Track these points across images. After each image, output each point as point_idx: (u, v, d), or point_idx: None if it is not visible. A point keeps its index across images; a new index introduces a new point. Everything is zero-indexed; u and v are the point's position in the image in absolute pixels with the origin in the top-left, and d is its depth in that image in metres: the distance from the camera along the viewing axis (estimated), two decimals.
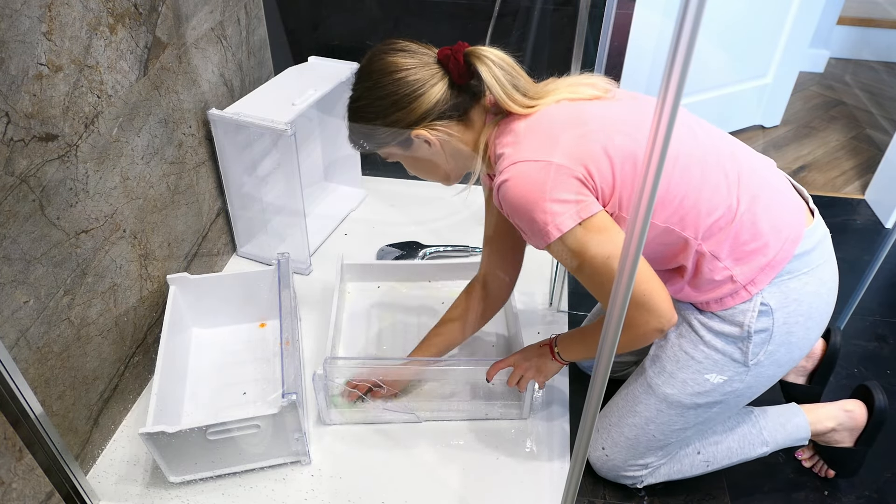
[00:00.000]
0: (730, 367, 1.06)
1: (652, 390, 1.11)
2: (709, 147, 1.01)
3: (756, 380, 1.07)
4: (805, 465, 1.28)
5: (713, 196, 0.97)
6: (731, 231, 0.98)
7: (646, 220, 0.57)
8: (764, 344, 1.03)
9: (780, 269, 0.99)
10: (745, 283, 1.00)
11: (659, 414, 1.11)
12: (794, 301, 1.01)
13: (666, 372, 1.10)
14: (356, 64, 1.72)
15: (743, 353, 1.04)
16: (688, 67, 0.48)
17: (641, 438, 1.14)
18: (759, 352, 1.04)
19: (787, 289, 1.01)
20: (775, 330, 1.02)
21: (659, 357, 1.12)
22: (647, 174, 0.54)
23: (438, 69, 0.99)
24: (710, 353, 1.06)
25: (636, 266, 0.61)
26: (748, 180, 1.00)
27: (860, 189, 2.19)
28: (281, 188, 1.60)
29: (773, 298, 1.01)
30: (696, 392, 1.08)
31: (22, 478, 1.01)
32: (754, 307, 1.01)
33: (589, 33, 1.34)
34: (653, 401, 1.12)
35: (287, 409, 1.11)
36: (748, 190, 0.99)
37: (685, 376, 1.08)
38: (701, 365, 1.07)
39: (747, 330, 1.02)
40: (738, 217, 0.98)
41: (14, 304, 0.98)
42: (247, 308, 1.48)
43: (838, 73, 3.00)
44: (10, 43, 0.91)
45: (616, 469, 1.20)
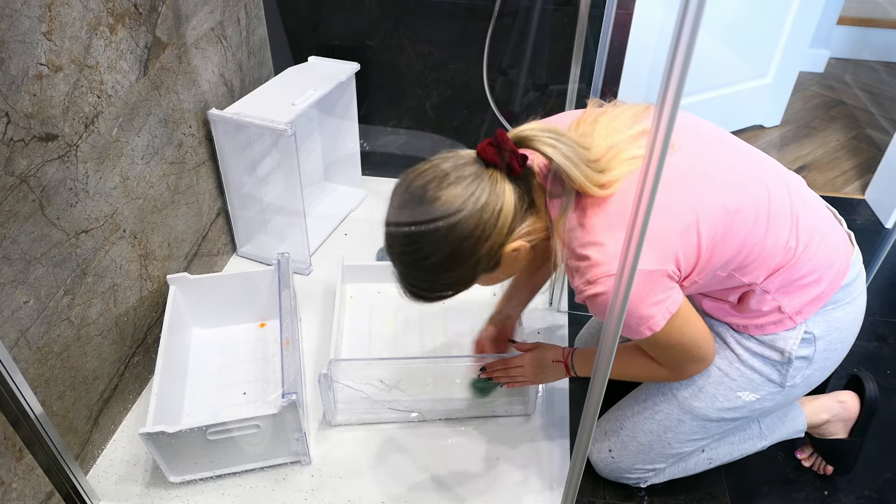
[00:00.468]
0: (764, 387, 1.06)
1: (677, 401, 1.11)
2: (772, 187, 0.98)
3: (786, 399, 1.08)
4: (805, 465, 1.28)
5: (776, 243, 0.95)
6: (787, 270, 0.97)
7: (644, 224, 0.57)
8: (803, 368, 1.04)
9: (827, 300, 1.00)
10: (791, 313, 1.00)
11: (680, 424, 1.11)
12: (836, 329, 1.02)
13: (695, 385, 1.09)
14: (356, 64, 1.73)
15: (781, 376, 1.05)
16: (688, 67, 0.48)
17: (655, 445, 1.14)
18: (797, 375, 1.04)
19: (831, 318, 1.01)
20: (816, 356, 1.03)
21: None
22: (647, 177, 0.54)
23: (495, 174, 0.87)
24: (746, 372, 1.06)
25: (635, 269, 0.61)
26: (804, 217, 0.99)
27: (860, 189, 2.19)
28: (281, 188, 1.60)
29: (817, 327, 1.01)
30: (724, 407, 1.08)
31: (22, 478, 1.01)
32: (797, 335, 1.01)
33: (589, 33, 1.34)
34: (676, 411, 1.11)
35: (287, 409, 1.11)
36: (805, 227, 0.98)
37: (716, 391, 1.08)
38: (735, 382, 1.07)
39: (788, 356, 1.02)
40: (797, 256, 0.97)
41: (14, 304, 0.98)
42: (247, 308, 1.48)
43: (838, 73, 3.00)
44: (10, 43, 0.91)
45: (620, 471, 1.20)
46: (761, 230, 0.94)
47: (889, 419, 1.35)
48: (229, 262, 1.73)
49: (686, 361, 1.02)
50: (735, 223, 0.92)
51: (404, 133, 1.98)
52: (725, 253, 0.93)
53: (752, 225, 0.93)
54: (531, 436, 1.29)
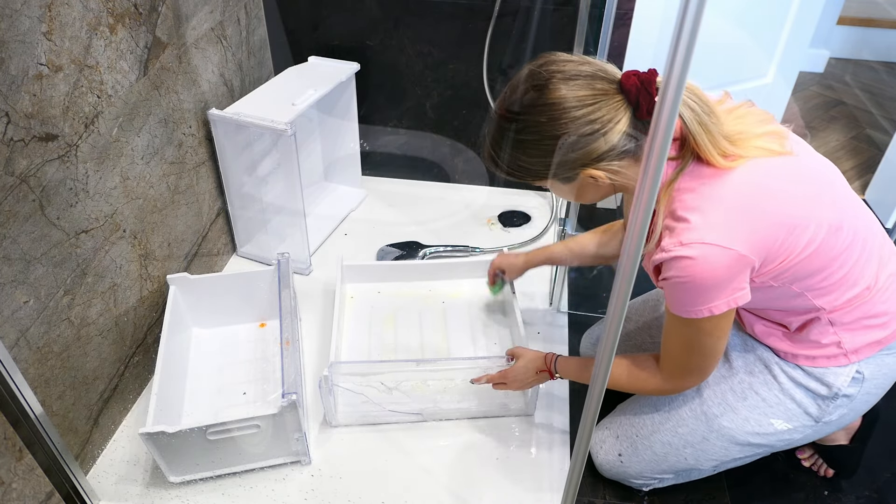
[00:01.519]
0: (799, 419, 1.05)
1: (705, 417, 1.09)
2: (868, 219, 0.98)
3: (815, 434, 1.08)
4: (805, 465, 1.28)
5: (862, 273, 0.95)
6: (861, 305, 0.97)
7: (644, 221, 0.57)
8: (843, 407, 1.03)
9: (886, 345, 0.99)
10: (849, 351, 0.99)
11: (703, 442, 1.10)
12: (884, 375, 1.02)
13: (727, 404, 1.08)
14: (356, 64, 1.73)
15: (820, 410, 1.04)
16: (688, 67, 0.48)
17: (671, 458, 1.13)
18: (835, 413, 1.04)
19: (883, 363, 1.01)
20: (859, 397, 1.02)
21: (721, 389, 1.10)
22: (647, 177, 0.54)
23: (621, 100, 0.86)
24: (784, 401, 1.05)
25: (636, 267, 0.61)
26: (889, 261, 0.99)
27: (860, 189, 2.19)
28: (281, 188, 1.60)
29: (868, 369, 1.01)
30: (754, 432, 1.07)
31: (22, 478, 1.01)
32: (849, 373, 1.00)
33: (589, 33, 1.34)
34: (702, 428, 1.10)
35: (287, 409, 1.11)
36: (888, 271, 0.98)
37: (748, 414, 1.07)
38: (770, 409, 1.06)
39: (836, 392, 1.02)
40: (874, 294, 0.96)
41: (14, 304, 0.98)
42: (247, 308, 1.48)
43: (838, 73, 3.00)
44: (10, 43, 0.91)
45: (626, 476, 1.19)
46: (852, 258, 0.93)
47: (889, 420, 1.35)
48: (229, 262, 1.73)
49: (694, 367, 1.00)
50: (834, 240, 0.90)
51: (404, 133, 1.98)
52: (811, 265, 0.91)
53: (844, 247, 0.92)
54: (531, 436, 1.29)
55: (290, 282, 1.40)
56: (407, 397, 1.30)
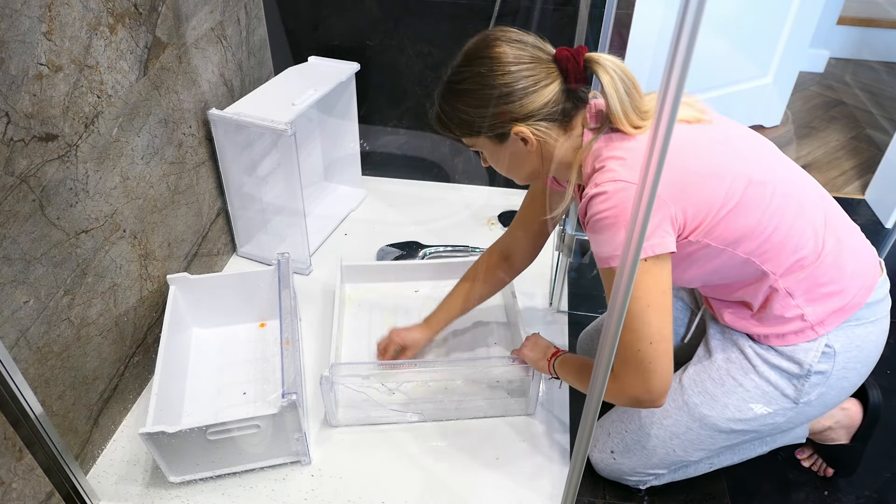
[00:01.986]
0: (778, 401, 1.05)
1: (688, 408, 1.10)
2: (802, 182, 1.00)
3: (798, 416, 1.07)
4: (804, 465, 1.28)
5: (802, 234, 0.96)
6: (812, 271, 0.97)
7: (644, 221, 0.57)
8: (819, 385, 1.03)
9: (851, 314, 0.99)
10: (814, 323, 1.00)
11: (688, 432, 1.10)
12: (857, 347, 1.02)
13: (708, 393, 1.09)
14: (356, 64, 1.73)
15: (796, 391, 1.04)
16: (688, 67, 0.48)
17: (660, 451, 1.13)
18: (813, 392, 1.04)
19: (853, 334, 1.01)
20: (834, 373, 1.02)
21: (701, 378, 1.10)
22: (647, 176, 0.54)
23: (554, 68, 0.95)
24: (761, 384, 1.05)
25: (636, 267, 0.61)
26: (835, 222, 0.99)
27: (860, 189, 2.19)
28: (281, 188, 1.60)
29: (838, 342, 1.01)
30: (735, 418, 1.07)
31: (22, 478, 1.01)
32: (818, 347, 1.01)
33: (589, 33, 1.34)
34: (685, 418, 1.10)
35: (287, 409, 1.11)
36: (834, 232, 0.98)
37: (728, 401, 1.07)
38: (748, 394, 1.06)
39: (807, 369, 1.02)
40: (822, 258, 0.97)
41: (14, 304, 0.98)
42: (247, 308, 1.48)
43: (838, 73, 3.00)
44: (10, 43, 0.91)
45: (621, 473, 1.19)
46: (787, 217, 0.94)
47: (889, 420, 1.35)
48: (229, 262, 1.73)
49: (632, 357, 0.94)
50: (757, 195, 0.93)
51: (404, 133, 1.98)
52: (741, 222, 0.93)
53: (775, 205, 0.94)
54: (531, 436, 1.29)
55: (290, 282, 1.40)
56: (407, 398, 1.30)
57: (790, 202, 0.95)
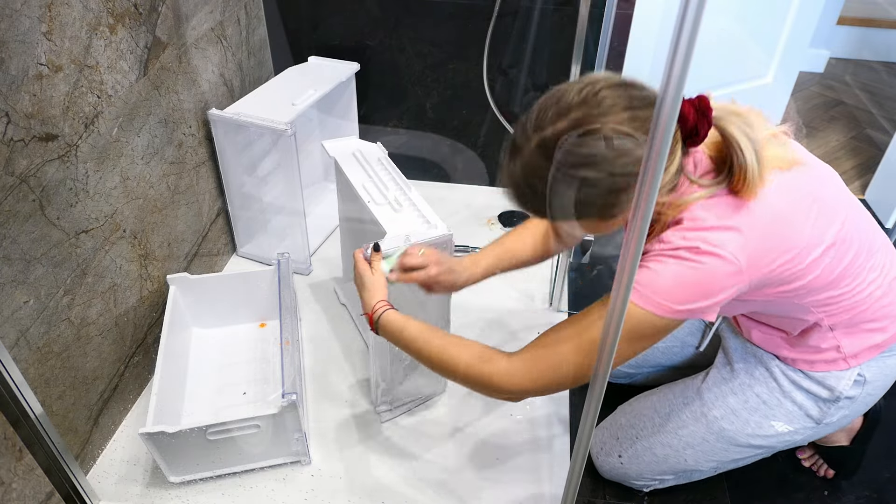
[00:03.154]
0: (800, 421, 1.05)
1: (706, 420, 1.09)
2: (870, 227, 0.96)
3: (816, 434, 1.07)
4: (805, 465, 1.28)
5: (864, 282, 0.94)
6: (859, 311, 0.96)
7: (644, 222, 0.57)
8: (844, 409, 1.03)
9: (885, 349, 0.99)
10: (848, 355, 0.99)
11: (703, 443, 1.10)
12: (885, 376, 1.02)
13: (729, 408, 1.08)
14: (356, 64, 1.73)
15: (821, 412, 1.04)
16: (687, 67, 0.48)
17: (671, 459, 1.13)
18: (837, 414, 1.04)
19: (885, 365, 1.01)
20: (860, 399, 1.02)
21: (724, 392, 1.09)
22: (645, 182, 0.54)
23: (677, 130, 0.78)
24: (786, 404, 1.05)
25: (636, 267, 0.61)
26: (892, 261, 0.98)
27: (860, 189, 2.19)
28: (281, 188, 1.60)
29: (870, 372, 1.00)
30: (755, 434, 1.07)
31: (22, 478, 1.01)
32: (851, 376, 1.00)
33: (589, 33, 1.34)
34: (702, 430, 1.10)
35: (287, 409, 1.11)
36: (891, 273, 0.97)
37: (749, 417, 1.07)
38: (772, 411, 1.06)
39: (838, 395, 1.01)
40: (871, 299, 0.95)
41: (14, 304, 0.98)
42: (247, 308, 1.48)
43: (838, 73, 3.00)
44: (10, 43, 0.91)
45: (627, 477, 1.19)
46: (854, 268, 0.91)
47: (889, 420, 1.35)
48: (229, 262, 1.73)
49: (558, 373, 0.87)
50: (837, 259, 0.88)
51: (404, 133, 1.98)
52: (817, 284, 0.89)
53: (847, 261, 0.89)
54: (531, 436, 1.29)
55: (290, 282, 1.40)
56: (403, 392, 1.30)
57: (861, 253, 0.91)
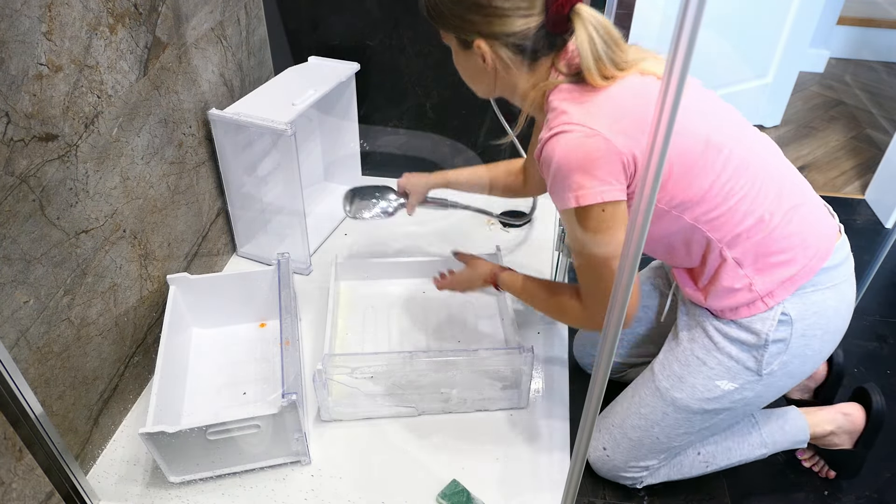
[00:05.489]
0: (742, 375, 1.05)
1: (660, 394, 1.11)
2: (764, 150, 1.00)
3: (766, 389, 1.07)
4: (805, 465, 1.28)
5: (753, 203, 0.96)
6: (760, 240, 0.97)
7: (645, 220, 0.57)
8: (780, 354, 1.03)
9: (800, 283, 0.99)
10: (763, 294, 1.00)
11: (665, 417, 1.11)
12: (815, 314, 1.01)
13: (676, 376, 1.10)
14: (356, 64, 1.73)
15: (757, 362, 1.04)
16: (687, 67, 0.48)
17: (645, 440, 1.14)
18: (774, 361, 1.03)
19: (809, 301, 1.00)
20: (793, 341, 1.02)
21: (669, 361, 1.12)
22: (647, 176, 0.54)
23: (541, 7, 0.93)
24: (723, 360, 1.06)
25: (636, 265, 0.61)
26: (790, 190, 0.99)
27: (860, 189, 2.19)
28: (281, 188, 1.60)
29: (794, 309, 1.00)
30: (705, 398, 1.08)
31: (22, 478, 1.01)
32: (774, 316, 1.00)
33: None
34: (660, 404, 1.11)
35: (287, 409, 1.11)
36: (789, 201, 0.98)
37: (695, 381, 1.08)
38: (713, 371, 1.06)
39: (765, 338, 1.01)
40: (772, 228, 0.97)
41: (14, 304, 0.98)
42: (247, 308, 1.48)
43: (838, 73, 3.00)
44: (10, 43, 0.91)
45: (616, 469, 1.20)
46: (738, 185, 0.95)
47: (889, 420, 1.35)
48: (229, 262, 1.73)
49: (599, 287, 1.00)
50: (712, 159, 0.94)
51: (404, 133, 1.98)
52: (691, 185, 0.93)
53: (729, 171, 0.94)
54: (531, 435, 1.29)
55: (289, 282, 1.40)
56: (401, 390, 1.30)
57: (745, 170, 0.95)
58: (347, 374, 1.26)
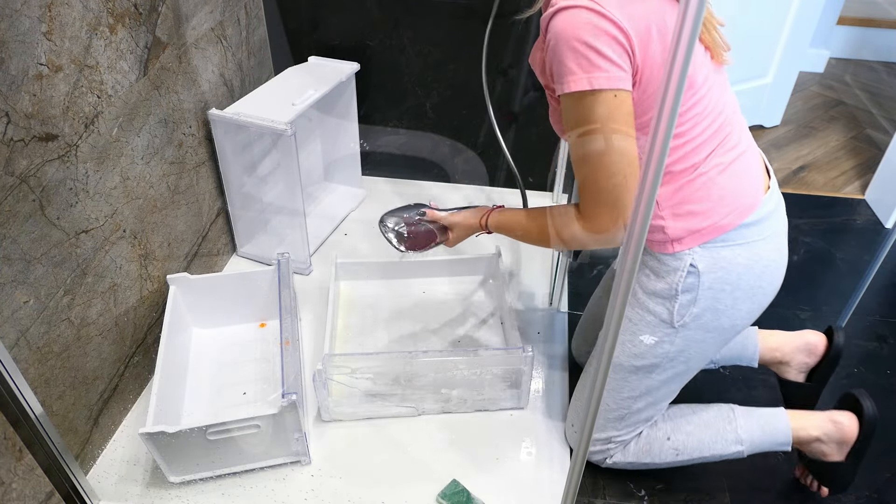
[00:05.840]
0: (659, 329, 1.08)
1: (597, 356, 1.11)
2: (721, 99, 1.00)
3: (686, 343, 1.08)
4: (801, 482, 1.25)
5: (696, 150, 0.97)
6: (681, 185, 0.99)
7: (644, 223, 0.57)
8: (689, 305, 1.05)
9: (709, 238, 1.01)
10: (672, 238, 1.02)
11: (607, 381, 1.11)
12: (722, 269, 1.02)
13: None
14: (356, 64, 1.73)
15: (669, 313, 1.06)
16: (687, 67, 0.48)
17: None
18: (685, 313, 1.05)
19: (718, 256, 1.02)
20: (700, 293, 1.03)
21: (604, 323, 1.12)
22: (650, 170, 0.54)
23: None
24: (643, 315, 1.08)
25: (636, 266, 0.61)
26: (737, 139, 1.01)
27: (860, 189, 2.19)
28: (281, 188, 1.60)
29: (702, 262, 1.02)
30: (632, 354, 1.11)
31: (22, 478, 1.01)
32: (684, 266, 1.03)
33: None
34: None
35: (287, 409, 1.11)
36: (720, 155, 0.99)
37: (623, 338, 1.11)
38: (636, 327, 1.09)
39: (675, 288, 1.04)
40: (695, 176, 0.98)
41: (14, 304, 0.98)
42: (247, 308, 1.48)
43: (838, 73, 3.00)
44: (10, 43, 0.91)
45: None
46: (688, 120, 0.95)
47: (889, 420, 1.35)
48: (229, 262, 1.73)
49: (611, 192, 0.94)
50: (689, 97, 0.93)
51: (404, 133, 1.98)
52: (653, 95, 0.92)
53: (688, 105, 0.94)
54: (530, 435, 1.29)
55: (289, 282, 1.40)
56: (401, 390, 1.30)
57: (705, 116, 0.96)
58: (347, 375, 1.26)
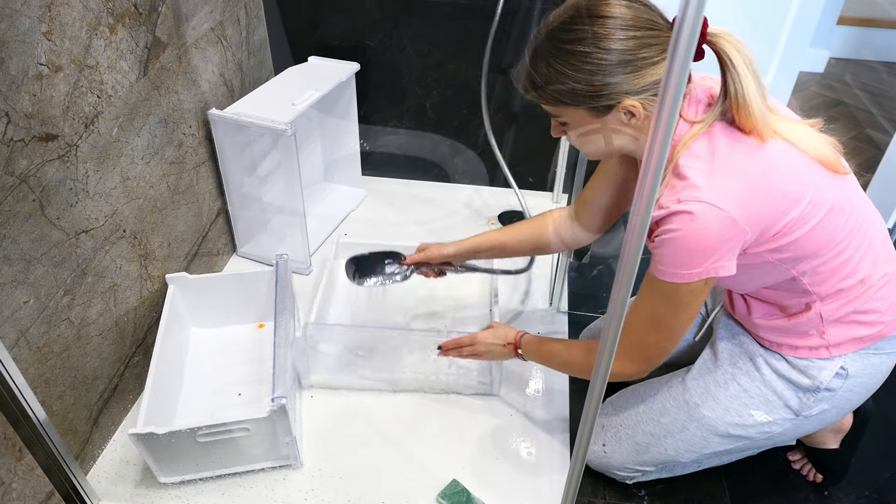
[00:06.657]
0: (779, 411, 1.05)
1: (688, 407, 1.09)
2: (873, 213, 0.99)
3: (795, 430, 1.07)
4: (795, 467, 1.27)
5: (859, 263, 0.95)
6: (854, 300, 0.96)
7: (643, 227, 0.57)
8: (823, 402, 1.03)
9: (869, 344, 1.00)
10: (831, 343, 0.99)
11: (684, 431, 1.10)
12: (869, 375, 1.02)
13: (710, 395, 1.08)
14: (356, 64, 1.73)
15: (800, 403, 1.04)
16: (687, 67, 0.48)
17: (652, 448, 1.13)
18: (815, 407, 1.04)
19: (868, 362, 1.01)
20: (840, 394, 1.02)
21: (705, 379, 1.10)
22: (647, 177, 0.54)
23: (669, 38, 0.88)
24: (766, 393, 1.05)
25: (636, 266, 0.61)
26: (888, 255, 0.99)
27: None
28: (281, 188, 1.60)
29: (853, 366, 1.01)
30: (734, 423, 1.07)
31: (22, 478, 1.01)
32: (834, 367, 1.00)
33: None
34: (683, 417, 1.10)
35: (276, 413, 1.10)
36: (888, 265, 0.98)
37: (729, 404, 1.07)
38: (752, 400, 1.06)
39: (818, 385, 1.01)
40: (866, 291, 0.96)
41: (14, 304, 0.98)
42: (246, 308, 1.47)
43: (838, 73, 3.00)
44: (10, 43, 0.91)
45: (610, 467, 1.19)
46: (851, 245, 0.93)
47: (889, 419, 1.35)
48: (229, 262, 1.73)
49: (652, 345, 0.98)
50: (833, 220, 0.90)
51: (404, 133, 1.98)
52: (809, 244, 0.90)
53: (844, 232, 0.91)
54: (531, 435, 1.29)
55: (287, 284, 1.39)
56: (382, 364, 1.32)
57: (858, 232, 0.93)
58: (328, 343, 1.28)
